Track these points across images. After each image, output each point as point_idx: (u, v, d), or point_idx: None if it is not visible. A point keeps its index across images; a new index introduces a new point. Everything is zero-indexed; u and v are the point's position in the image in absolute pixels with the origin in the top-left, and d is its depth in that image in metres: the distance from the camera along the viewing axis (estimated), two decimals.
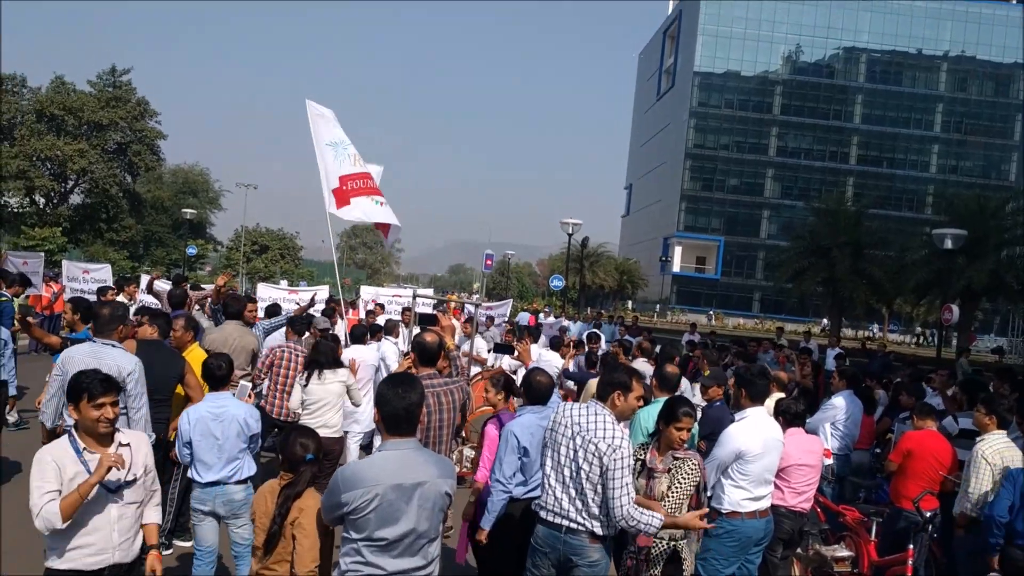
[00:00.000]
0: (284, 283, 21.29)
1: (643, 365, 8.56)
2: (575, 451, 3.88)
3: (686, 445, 4.53)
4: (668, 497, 4.35)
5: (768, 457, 4.88)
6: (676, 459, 4.43)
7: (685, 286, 74.80)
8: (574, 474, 3.87)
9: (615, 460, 3.78)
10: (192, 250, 44.23)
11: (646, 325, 30.37)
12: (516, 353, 6.41)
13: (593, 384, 7.00)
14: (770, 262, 54.62)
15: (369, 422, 7.97)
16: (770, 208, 74.91)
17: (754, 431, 4.86)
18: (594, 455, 3.83)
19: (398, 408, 3.09)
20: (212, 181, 65.39)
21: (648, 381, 6.38)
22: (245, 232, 60.74)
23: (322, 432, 5.87)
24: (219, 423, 4.77)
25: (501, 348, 7.61)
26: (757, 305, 73.01)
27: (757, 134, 75.15)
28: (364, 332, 8.58)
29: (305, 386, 6.37)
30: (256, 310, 8.37)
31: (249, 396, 5.67)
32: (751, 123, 74.96)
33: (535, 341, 11.12)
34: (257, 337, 7.51)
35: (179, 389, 5.65)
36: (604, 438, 3.83)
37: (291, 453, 3.61)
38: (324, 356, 6.46)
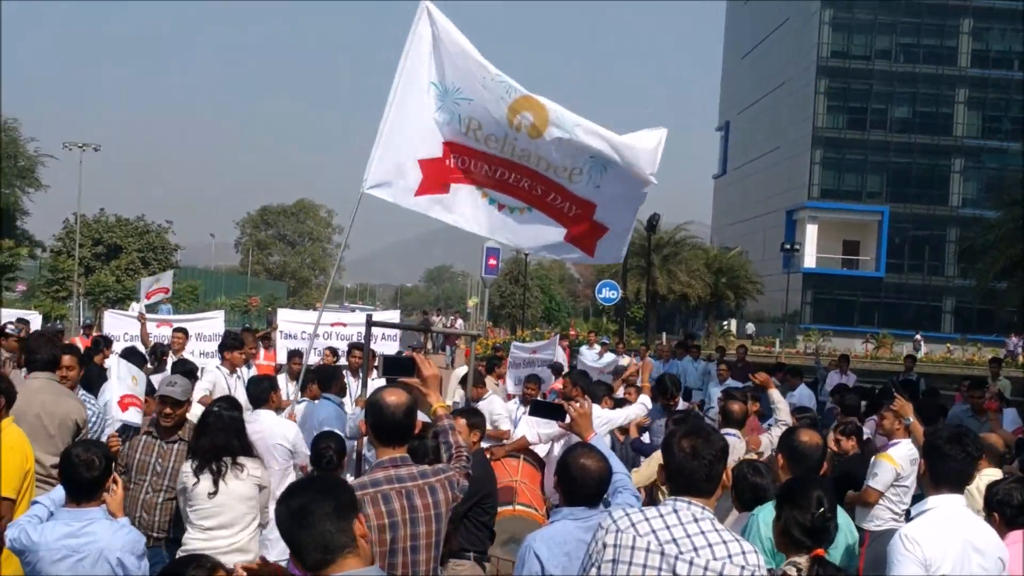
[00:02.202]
0: (137, 306, 21.77)
1: (734, 443, 8.23)
2: None
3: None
4: None
5: None
6: None
7: (825, 291, 73.27)
8: None
9: None
10: None
11: (760, 359, 30.22)
12: (568, 419, 6.04)
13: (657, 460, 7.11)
14: (968, 247, 52.43)
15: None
16: (965, 155, 73.02)
17: (944, 535, 4.80)
18: None
19: (310, 539, 3.24)
20: (23, 141, 63.88)
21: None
22: (82, 224, 59.36)
23: (231, 559, 5.74)
24: (76, 561, 4.87)
25: (542, 408, 7.35)
26: (949, 320, 71.71)
27: (938, 31, 73.36)
28: (264, 387, 8.41)
29: (195, 486, 6.43)
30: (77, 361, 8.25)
31: None
32: (927, 11, 72.83)
33: (585, 392, 10.90)
34: (83, 403, 7.61)
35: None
36: (732, 556, 3.85)
37: None
38: (225, 439, 6.55)
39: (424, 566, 4.59)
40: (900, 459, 8.00)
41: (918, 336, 61.67)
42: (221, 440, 6.51)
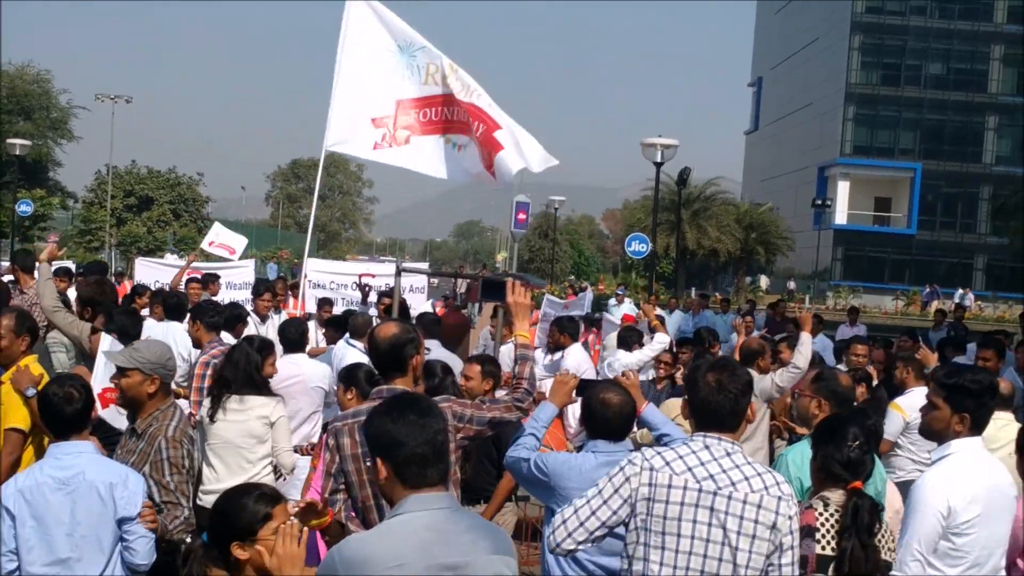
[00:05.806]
0: (173, 257, 22.06)
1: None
2: (721, 526, 3.89)
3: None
4: None
5: (994, 522, 4.77)
6: None
7: (856, 248, 72.91)
8: (715, 568, 3.89)
9: (794, 530, 3.91)
10: (26, 207, 43.57)
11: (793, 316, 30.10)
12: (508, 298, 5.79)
13: (675, 405, 7.13)
14: (1002, 204, 51.86)
15: None
16: (999, 112, 72.19)
17: (967, 479, 4.74)
18: (762, 524, 3.86)
19: (419, 446, 3.27)
20: (56, 93, 64.94)
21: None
22: (113, 175, 59.90)
23: None
24: (66, 495, 4.71)
25: (491, 285, 7.30)
26: (980, 278, 71.01)
27: None
28: (302, 331, 8.60)
29: (211, 420, 6.60)
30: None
31: None
32: None
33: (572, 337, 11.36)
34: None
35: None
36: (768, 487, 3.89)
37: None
38: (231, 373, 6.66)
39: None
40: (909, 408, 7.97)
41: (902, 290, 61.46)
42: (227, 373, 6.67)
